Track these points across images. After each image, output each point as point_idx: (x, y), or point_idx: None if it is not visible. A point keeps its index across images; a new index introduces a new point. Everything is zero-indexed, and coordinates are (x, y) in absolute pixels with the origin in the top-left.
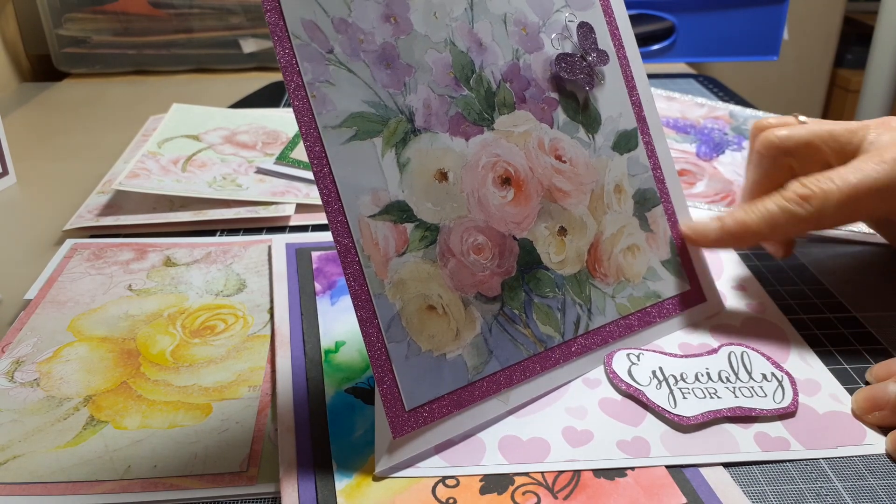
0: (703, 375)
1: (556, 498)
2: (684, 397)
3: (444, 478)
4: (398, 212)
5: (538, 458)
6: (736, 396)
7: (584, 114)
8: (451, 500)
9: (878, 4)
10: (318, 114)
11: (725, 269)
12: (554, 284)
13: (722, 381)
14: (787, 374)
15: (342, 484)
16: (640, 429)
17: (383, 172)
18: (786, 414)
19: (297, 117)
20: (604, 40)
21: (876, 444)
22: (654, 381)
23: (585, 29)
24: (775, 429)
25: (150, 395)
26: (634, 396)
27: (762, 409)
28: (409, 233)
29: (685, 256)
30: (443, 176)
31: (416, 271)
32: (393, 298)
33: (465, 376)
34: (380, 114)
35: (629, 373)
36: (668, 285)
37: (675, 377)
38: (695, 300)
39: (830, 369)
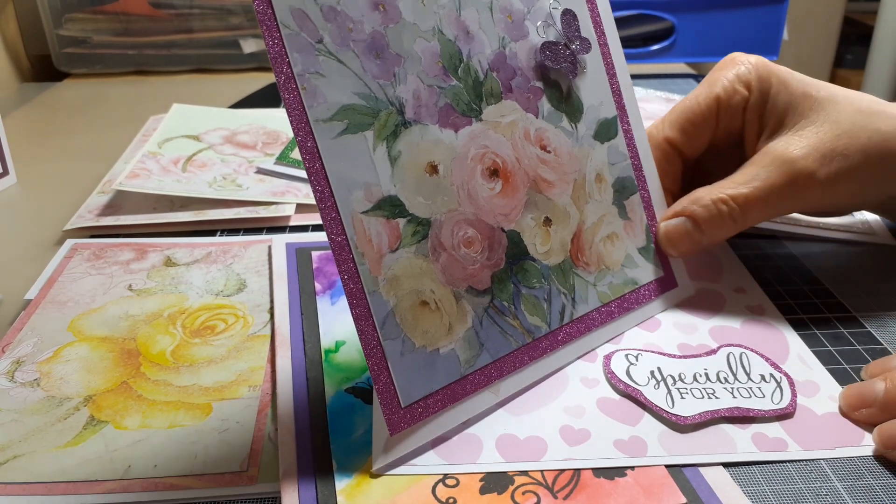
0: (701, 376)
1: (555, 498)
2: (682, 397)
3: (445, 477)
4: (390, 207)
5: (535, 457)
6: (734, 397)
7: (568, 103)
8: (451, 500)
9: (878, 4)
10: (308, 107)
11: (725, 271)
12: (540, 275)
13: (720, 382)
14: (786, 375)
15: (342, 484)
16: (637, 428)
17: (375, 167)
18: (784, 415)
19: (287, 111)
20: (586, 28)
21: (874, 445)
22: (653, 381)
23: (569, 16)
24: (773, 429)
25: (150, 395)
26: (632, 396)
27: (760, 410)
28: (402, 228)
29: (658, 243)
30: (433, 169)
31: (409, 267)
32: (387, 296)
33: (458, 370)
34: (370, 106)
35: (627, 373)
36: (644, 272)
37: (673, 377)
38: (668, 285)
39: (830, 369)
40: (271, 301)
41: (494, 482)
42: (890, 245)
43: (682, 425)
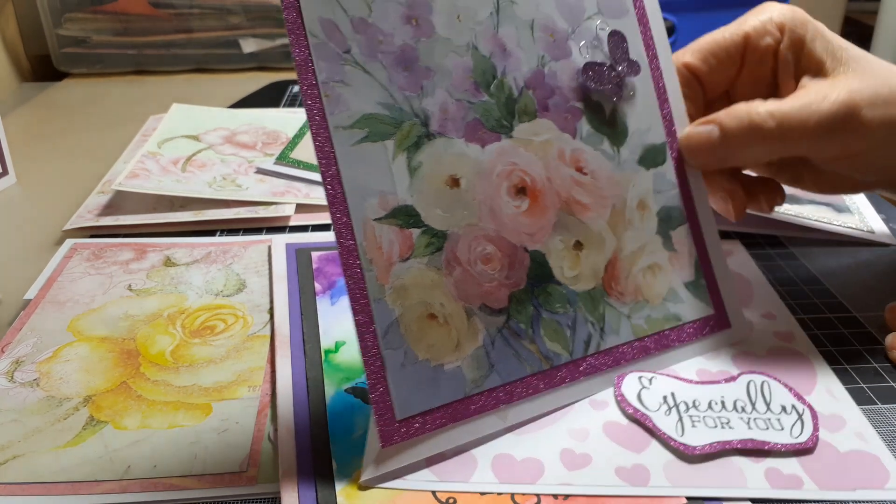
0: (717, 403)
1: (556, 498)
2: (693, 425)
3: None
4: (405, 216)
5: (530, 480)
6: (749, 428)
7: (610, 125)
8: (451, 500)
9: (878, 4)
10: (329, 114)
11: (756, 296)
12: (566, 300)
13: (736, 411)
14: (809, 407)
15: (342, 484)
16: (642, 455)
17: (393, 176)
18: (802, 450)
19: (308, 116)
20: (636, 50)
21: None
22: (664, 407)
23: (617, 38)
24: (789, 465)
25: (149, 396)
26: (641, 421)
27: (777, 443)
28: (415, 238)
29: (711, 279)
30: (455, 182)
31: (419, 278)
32: (393, 304)
33: (463, 389)
34: (394, 116)
35: (638, 396)
36: (689, 308)
37: (686, 404)
38: (718, 325)
39: (832, 369)
40: (271, 301)
41: None
42: (890, 245)
43: (689, 455)
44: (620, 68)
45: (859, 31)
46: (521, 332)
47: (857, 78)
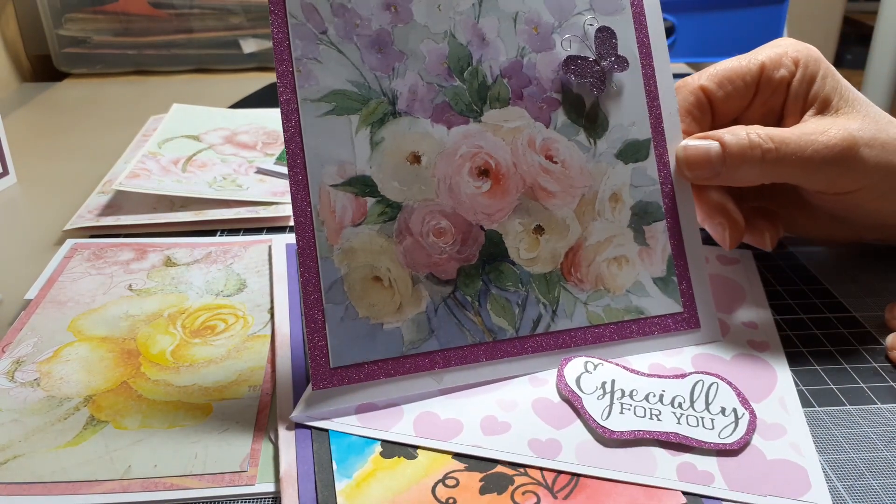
0: (654, 396)
1: (555, 497)
2: (622, 412)
3: (445, 477)
4: (361, 185)
5: (445, 438)
6: (678, 423)
7: (589, 118)
8: (450, 500)
9: (878, 4)
10: (300, 87)
11: (745, 304)
12: (518, 279)
13: (671, 406)
14: (751, 412)
15: (342, 484)
16: (560, 432)
17: (354, 148)
18: (726, 451)
19: (279, 89)
20: (628, 47)
21: (817, 502)
22: (598, 392)
23: (605, 34)
24: (706, 462)
25: (150, 395)
26: (571, 401)
27: (700, 441)
28: (369, 206)
29: (685, 278)
30: (416, 158)
31: (368, 243)
32: (339, 263)
33: (400, 348)
34: (362, 93)
35: (578, 379)
36: (655, 303)
37: (623, 391)
38: (687, 324)
39: (830, 369)
40: (271, 301)
41: (494, 482)
42: (889, 245)
43: (607, 438)
44: (605, 63)
45: (859, 31)
46: (466, 303)
47: (859, 119)
